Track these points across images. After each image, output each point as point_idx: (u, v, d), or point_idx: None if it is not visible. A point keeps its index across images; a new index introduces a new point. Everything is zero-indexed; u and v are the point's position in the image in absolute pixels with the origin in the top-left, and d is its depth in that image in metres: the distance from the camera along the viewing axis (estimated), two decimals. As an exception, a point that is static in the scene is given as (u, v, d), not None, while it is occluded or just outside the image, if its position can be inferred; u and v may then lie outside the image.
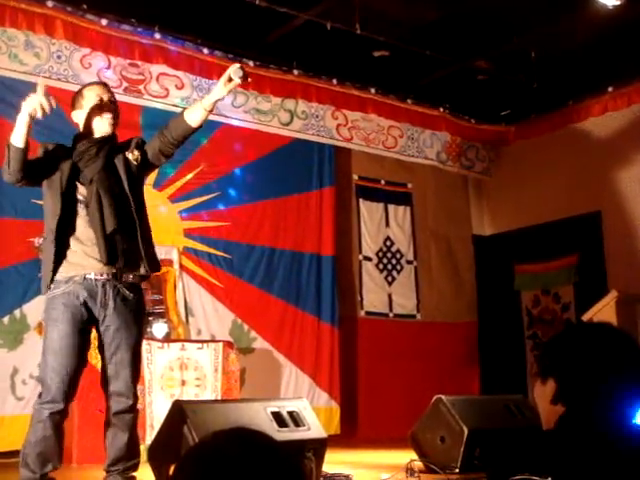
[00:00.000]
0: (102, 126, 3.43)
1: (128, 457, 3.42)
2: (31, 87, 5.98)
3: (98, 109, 3.41)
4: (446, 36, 6.71)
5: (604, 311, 6.41)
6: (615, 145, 7.67)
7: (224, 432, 1.18)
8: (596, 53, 6.88)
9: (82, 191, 3.35)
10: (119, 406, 3.43)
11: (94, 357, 5.36)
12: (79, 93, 3.52)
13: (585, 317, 6.63)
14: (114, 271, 3.33)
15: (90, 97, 3.44)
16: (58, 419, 3.32)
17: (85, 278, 3.31)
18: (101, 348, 3.46)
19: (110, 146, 3.42)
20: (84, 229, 3.32)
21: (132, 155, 3.48)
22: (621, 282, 7.23)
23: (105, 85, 3.63)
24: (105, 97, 3.44)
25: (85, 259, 3.32)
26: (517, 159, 8.65)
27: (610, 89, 7.55)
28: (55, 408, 3.28)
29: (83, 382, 5.30)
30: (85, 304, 3.31)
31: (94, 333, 3.52)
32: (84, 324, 3.34)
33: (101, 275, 3.32)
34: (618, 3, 5.41)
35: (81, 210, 3.34)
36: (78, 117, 3.49)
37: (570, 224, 7.96)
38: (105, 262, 3.29)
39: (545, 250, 8.16)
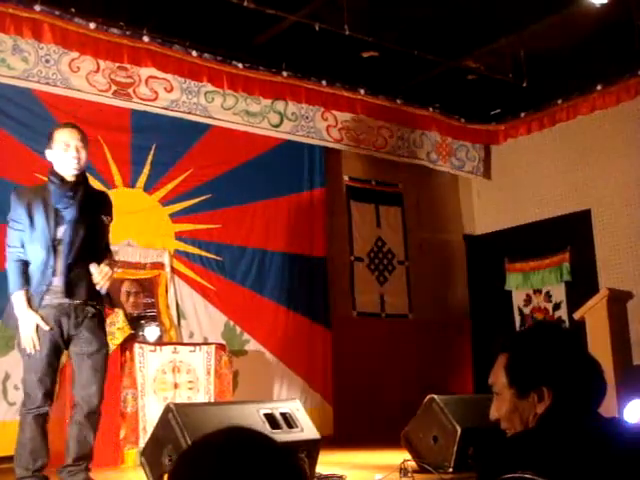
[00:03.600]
0: (68, 171, 3.78)
1: (91, 456, 3.92)
2: (19, 92, 6.01)
3: (64, 156, 3.75)
4: (435, 36, 6.72)
5: (595, 309, 6.44)
6: (604, 143, 7.70)
7: (220, 431, 1.18)
8: (584, 52, 6.90)
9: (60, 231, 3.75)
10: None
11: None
12: (50, 134, 3.82)
13: (577, 315, 6.67)
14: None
15: (58, 141, 3.77)
16: (42, 421, 3.78)
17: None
18: None
19: (83, 192, 3.82)
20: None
21: (107, 219, 3.98)
22: (612, 280, 7.27)
23: (75, 128, 3.88)
24: (72, 143, 3.76)
25: None
26: (507, 158, 8.68)
27: (599, 87, 7.58)
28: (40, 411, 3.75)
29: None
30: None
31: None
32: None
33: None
34: (605, 2, 5.43)
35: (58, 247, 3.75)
36: (49, 156, 3.82)
37: (560, 222, 7.99)
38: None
39: (536, 249, 8.18)
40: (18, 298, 3.77)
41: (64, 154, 3.76)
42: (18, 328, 3.82)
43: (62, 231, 3.76)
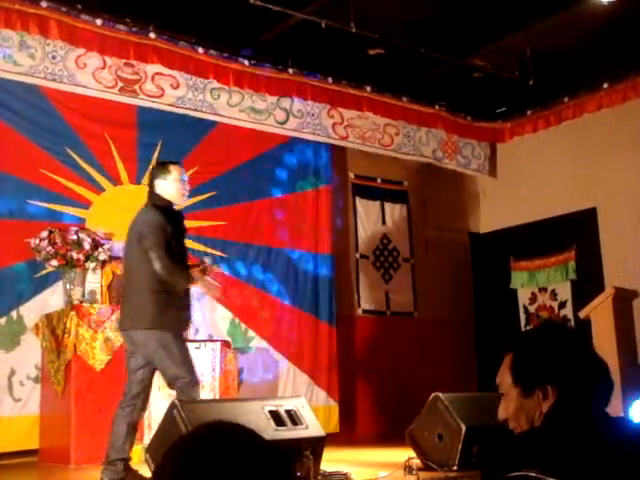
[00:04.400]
0: (179, 199, 4.40)
1: None
2: (26, 88, 6.02)
3: (181, 188, 4.36)
4: (441, 34, 6.71)
5: (601, 307, 6.42)
6: (610, 141, 7.68)
7: (206, 426, 1.18)
8: (591, 49, 6.88)
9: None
10: None
11: (91, 358, 5.38)
12: (165, 167, 4.38)
13: (582, 314, 6.65)
14: None
15: (175, 174, 4.33)
16: None
17: None
18: None
19: (180, 215, 4.45)
20: None
21: None
22: (617, 278, 7.25)
23: (182, 166, 4.52)
24: (185, 178, 4.40)
25: None
26: (513, 156, 8.66)
27: (605, 85, 7.55)
28: None
29: (80, 384, 5.33)
30: None
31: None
32: None
33: None
34: (612, 0, 5.41)
35: None
36: (161, 185, 4.34)
37: (566, 221, 7.97)
38: None
39: (542, 247, 8.17)
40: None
41: (179, 186, 4.36)
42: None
43: None
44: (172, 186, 4.33)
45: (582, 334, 1.91)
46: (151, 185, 4.42)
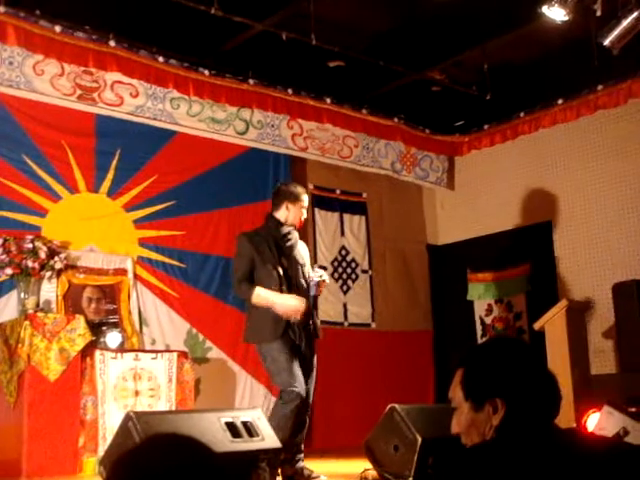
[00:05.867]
0: (295, 223, 4.84)
1: None
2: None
3: (297, 213, 4.82)
4: (400, 47, 6.79)
5: (555, 319, 6.54)
6: (565, 156, 7.83)
7: (155, 440, 1.17)
8: (546, 66, 7.03)
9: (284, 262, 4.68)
10: None
11: (45, 368, 5.30)
12: (297, 195, 4.81)
13: (537, 325, 6.75)
14: None
15: (301, 202, 4.81)
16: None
17: None
18: None
19: (291, 236, 4.83)
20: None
21: (308, 262, 4.96)
22: (571, 291, 7.38)
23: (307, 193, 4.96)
24: (307, 204, 4.89)
25: None
26: (470, 169, 8.77)
27: (560, 101, 7.70)
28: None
29: (34, 395, 5.26)
30: None
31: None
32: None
33: None
34: (566, 19, 5.53)
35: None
36: (286, 207, 4.79)
37: (522, 234, 8.10)
38: None
39: (498, 259, 8.28)
40: None
41: (300, 212, 4.82)
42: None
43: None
44: (291, 211, 4.84)
45: (531, 347, 1.95)
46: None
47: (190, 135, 6.99)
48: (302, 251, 4.91)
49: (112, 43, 6.30)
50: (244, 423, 3.94)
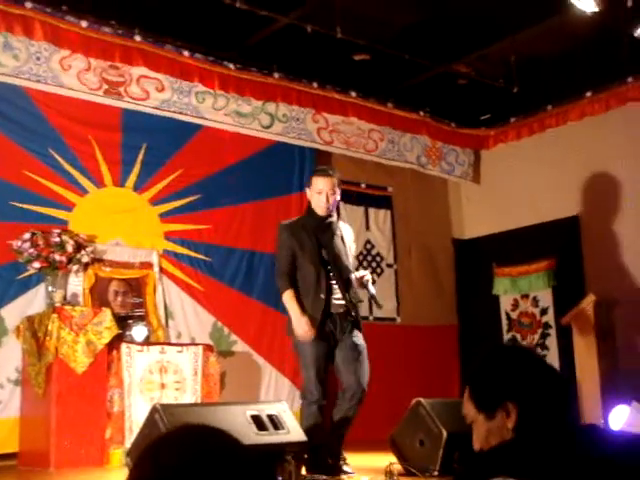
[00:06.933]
0: (319, 210, 4.66)
1: None
2: (10, 89, 5.99)
3: (316, 199, 4.64)
4: (426, 40, 6.74)
5: (582, 314, 6.47)
6: (593, 149, 7.73)
7: (181, 430, 1.16)
8: (574, 58, 6.94)
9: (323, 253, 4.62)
10: None
11: (72, 361, 5.35)
12: (310, 180, 4.73)
13: (564, 320, 6.70)
14: None
15: (314, 186, 4.65)
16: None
17: None
18: None
19: (329, 224, 4.70)
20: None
21: (353, 246, 4.89)
22: (599, 286, 7.30)
23: (328, 176, 4.67)
24: (325, 189, 4.60)
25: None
26: (496, 163, 8.71)
27: (588, 94, 7.61)
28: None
29: (61, 387, 5.31)
30: None
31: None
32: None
33: None
34: (596, 10, 5.46)
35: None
36: (308, 194, 4.74)
37: (549, 228, 8.01)
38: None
39: (524, 254, 8.20)
40: None
41: (317, 197, 4.63)
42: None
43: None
44: (311, 197, 4.70)
45: (528, 349, 2.03)
46: None
47: (215, 129, 7.00)
48: (346, 237, 4.81)
49: (138, 38, 6.33)
50: (269, 416, 3.95)
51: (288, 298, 4.65)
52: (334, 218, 4.74)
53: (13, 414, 5.66)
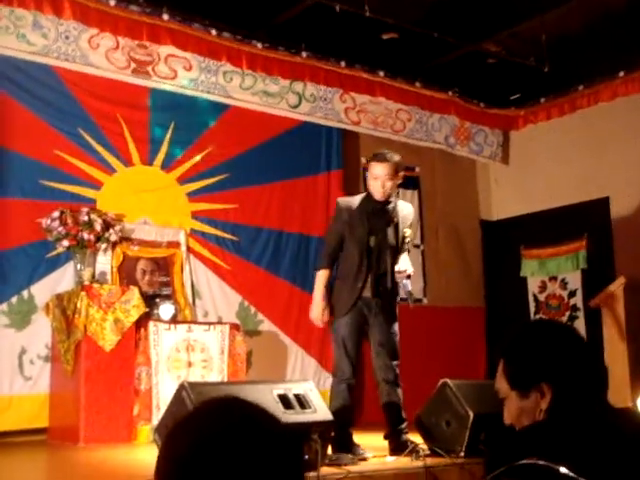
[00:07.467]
0: (376, 195, 4.57)
1: None
2: (39, 68, 6.02)
3: (372, 184, 4.57)
4: (456, 18, 6.65)
5: (611, 297, 6.40)
6: (624, 131, 7.61)
7: (216, 400, 1.16)
8: (607, 37, 6.81)
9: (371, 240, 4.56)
10: None
11: (101, 338, 5.41)
12: (369, 162, 4.68)
13: (592, 303, 6.63)
14: None
15: (371, 171, 4.58)
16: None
17: None
18: None
19: (385, 210, 4.61)
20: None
21: (407, 231, 4.67)
22: (629, 268, 7.21)
23: (384, 162, 4.55)
24: (380, 177, 4.51)
25: None
26: (526, 144, 8.61)
27: (621, 74, 7.48)
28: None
29: (90, 364, 5.37)
30: None
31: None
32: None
33: None
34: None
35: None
36: (367, 179, 4.67)
37: (578, 210, 7.92)
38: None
39: (553, 236, 8.13)
40: None
41: (373, 183, 4.55)
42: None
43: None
44: (369, 182, 4.63)
45: (568, 327, 1.94)
46: None
47: (243, 108, 6.99)
48: (402, 222, 4.67)
49: (165, 16, 6.32)
50: (296, 395, 3.96)
51: (318, 277, 4.67)
52: (392, 204, 4.65)
53: (43, 390, 5.75)
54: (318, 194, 7.47)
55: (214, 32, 6.59)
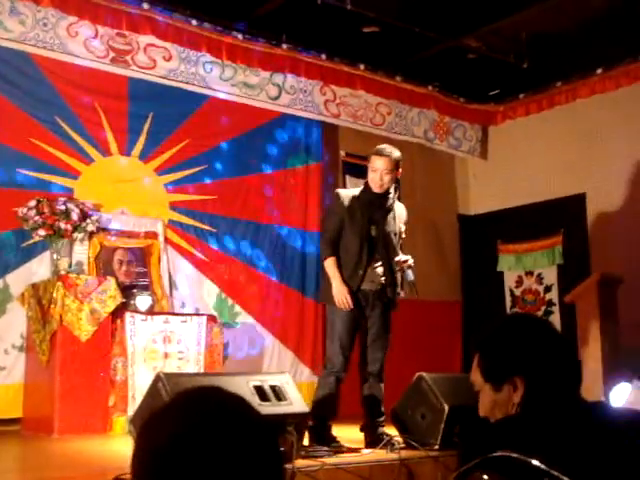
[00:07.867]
0: (374, 187, 4.60)
1: None
2: (16, 55, 5.95)
3: (371, 177, 4.61)
4: (437, 13, 6.67)
5: (586, 292, 6.46)
6: (602, 127, 7.68)
7: (194, 390, 1.15)
8: (586, 35, 6.86)
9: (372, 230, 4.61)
10: None
11: (77, 328, 5.38)
12: (369, 156, 4.70)
13: (567, 298, 6.69)
14: None
15: (371, 164, 4.63)
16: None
17: None
18: None
19: (384, 202, 4.66)
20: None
21: (402, 227, 4.83)
22: (604, 264, 7.29)
23: (384, 156, 4.62)
24: (380, 168, 4.57)
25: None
26: (504, 139, 8.66)
27: (599, 71, 7.55)
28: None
29: (65, 354, 5.33)
30: None
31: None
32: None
33: None
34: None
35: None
36: (368, 171, 4.67)
37: (555, 205, 7.99)
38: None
39: (530, 231, 8.19)
40: None
41: (372, 175, 4.60)
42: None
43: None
44: (368, 174, 4.65)
45: (543, 321, 1.97)
46: None
47: (222, 99, 6.96)
48: (399, 218, 4.77)
49: (145, 6, 6.28)
50: (272, 387, 3.96)
51: (330, 265, 4.60)
52: (391, 197, 4.70)
53: (17, 380, 5.70)
54: (297, 186, 7.47)
55: (195, 22, 6.55)
